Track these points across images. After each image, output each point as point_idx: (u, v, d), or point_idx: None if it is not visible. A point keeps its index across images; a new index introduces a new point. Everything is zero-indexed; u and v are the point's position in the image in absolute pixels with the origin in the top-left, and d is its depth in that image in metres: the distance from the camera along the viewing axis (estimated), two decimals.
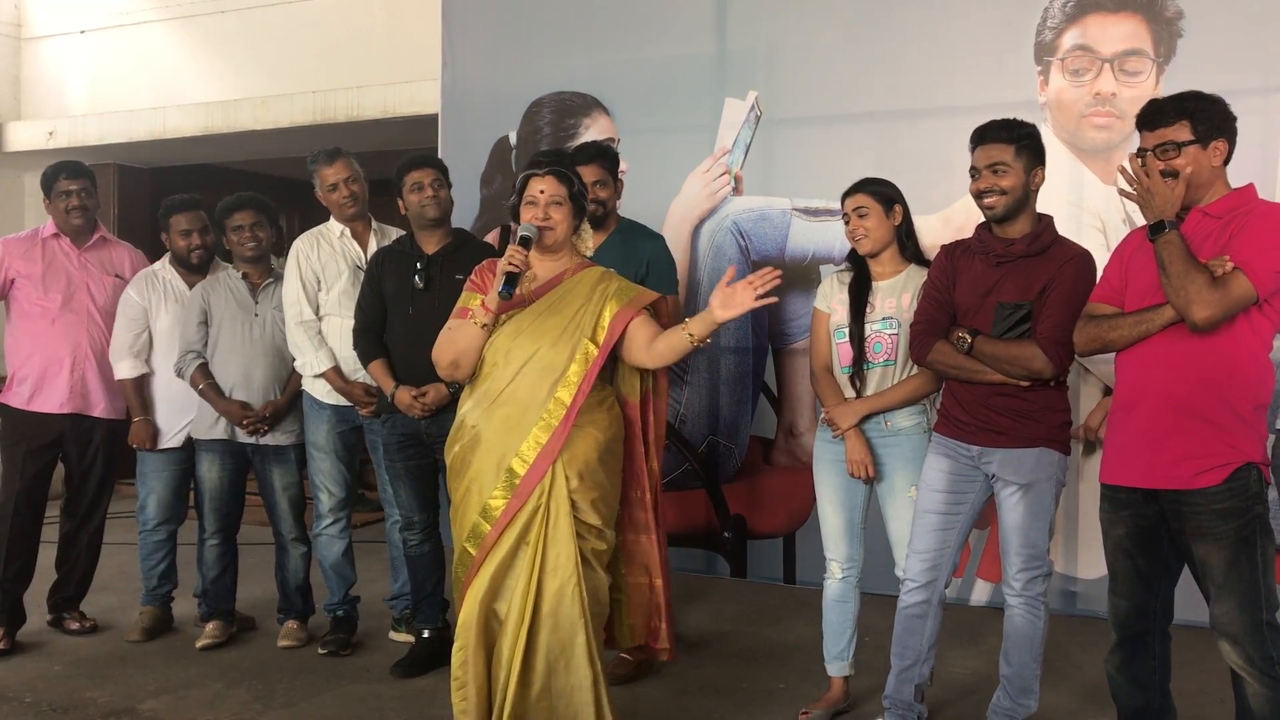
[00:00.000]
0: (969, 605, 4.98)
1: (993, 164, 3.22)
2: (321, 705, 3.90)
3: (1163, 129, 2.89)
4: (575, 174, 3.28)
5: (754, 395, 5.47)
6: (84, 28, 8.20)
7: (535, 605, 3.04)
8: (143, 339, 4.57)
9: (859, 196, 3.57)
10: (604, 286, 3.20)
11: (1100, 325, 2.98)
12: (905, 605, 3.45)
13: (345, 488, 4.53)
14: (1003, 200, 3.23)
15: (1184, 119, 2.87)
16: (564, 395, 3.07)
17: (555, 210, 3.18)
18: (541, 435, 3.06)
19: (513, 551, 3.08)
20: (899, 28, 5.17)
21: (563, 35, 5.92)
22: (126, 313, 4.57)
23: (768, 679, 4.14)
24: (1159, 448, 2.87)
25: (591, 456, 3.09)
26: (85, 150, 7.65)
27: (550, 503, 3.06)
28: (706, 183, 5.52)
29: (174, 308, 4.59)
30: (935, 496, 3.37)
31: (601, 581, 3.14)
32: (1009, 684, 3.38)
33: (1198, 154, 2.86)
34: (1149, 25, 4.75)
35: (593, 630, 3.06)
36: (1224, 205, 2.87)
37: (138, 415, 4.56)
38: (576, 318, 3.12)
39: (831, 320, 3.67)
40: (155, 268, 4.68)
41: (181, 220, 4.62)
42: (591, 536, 3.10)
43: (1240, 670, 2.87)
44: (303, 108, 7.09)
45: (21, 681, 4.13)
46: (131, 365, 4.55)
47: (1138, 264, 2.96)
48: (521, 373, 3.11)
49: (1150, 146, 2.91)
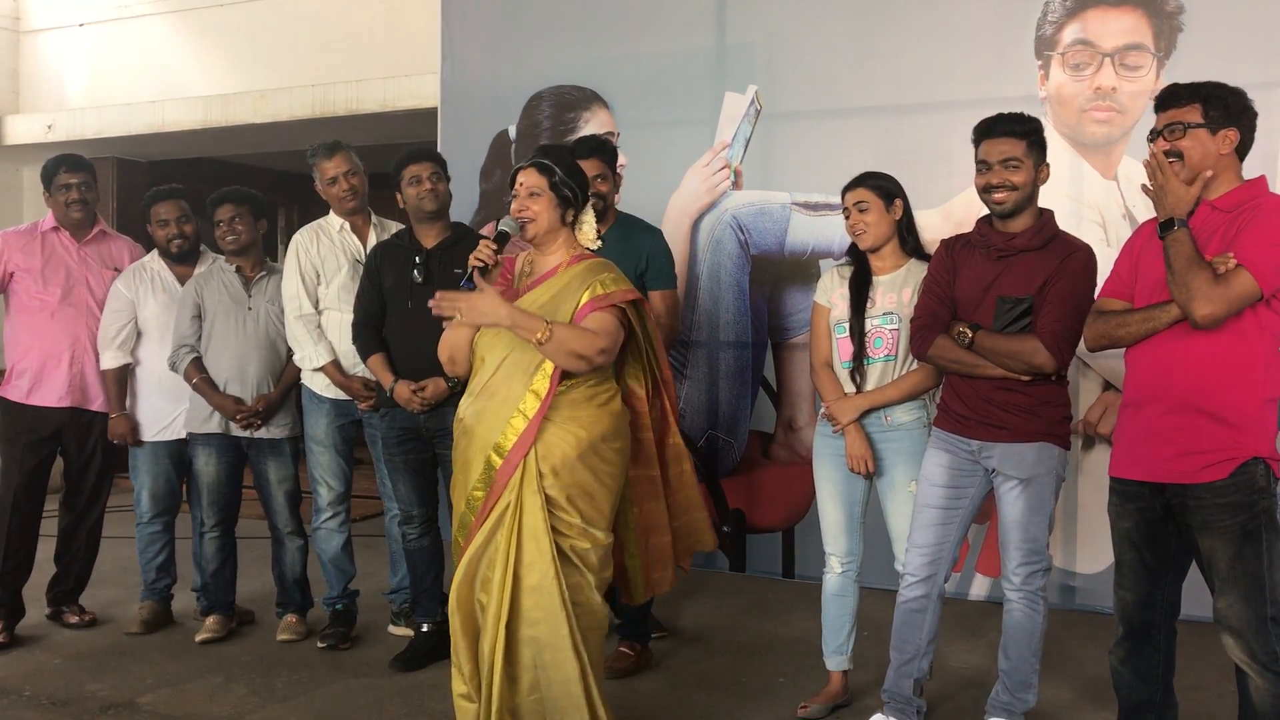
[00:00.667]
0: (968, 599, 4.99)
1: (1006, 159, 3.20)
2: (321, 699, 3.90)
3: (1174, 109, 2.90)
4: (566, 166, 3.23)
5: (753, 390, 5.47)
6: (83, 21, 8.18)
7: (514, 599, 3.04)
8: (127, 330, 4.57)
9: (859, 191, 3.57)
10: (588, 277, 3.16)
11: (1109, 322, 2.97)
12: (904, 600, 3.45)
13: (344, 481, 4.53)
14: (1013, 196, 3.22)
15: (1197, 102, 2.87)
16: (539, 386, 3.07)
17: (533, 202, 3.16)
18: (518, 425, 3.06)
19: (486, 541, 3.08)
20: (899, 22, 5.16)
21: (562, 29, 5.91)
22: (112, 304, 4.59)
23: (767, 673, 4.14)
24: (1167, 442, 2.87)
25: (569, 453, 3.06)
26: (84, 143, 7.63)
27: (522, 496, 3.05)
28: (706, 177, 5.52)
29: (162, 299, 4.59)
30: (935, 491, 3.37)
31: (586, 579, 3.10)
32: (1008, 678, 3.38)
33: (1205, 139, 2.86)
34: (1149, 19, 4.74)
35: (576, 624, 3.05)
36: (1232, 199, 2.87)
37: (115, 410, 4.56)
38: (558, 310, 3.12)
39: (832, 315, 3.66)
40: (144, 260, 4.70)
41: (160, 210, 4.62)
42: (572, 534, 3.07)
43: (1243, 665, 2.87)
44: (302, 101, 7.08)
45: (21, 675, 4.13)
46: (113, 356, 4.56)
47: (1147, 259, 2.96)
48: (503, 366, 3.12)
49: (1160, 126, 2.92)
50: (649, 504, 3.35)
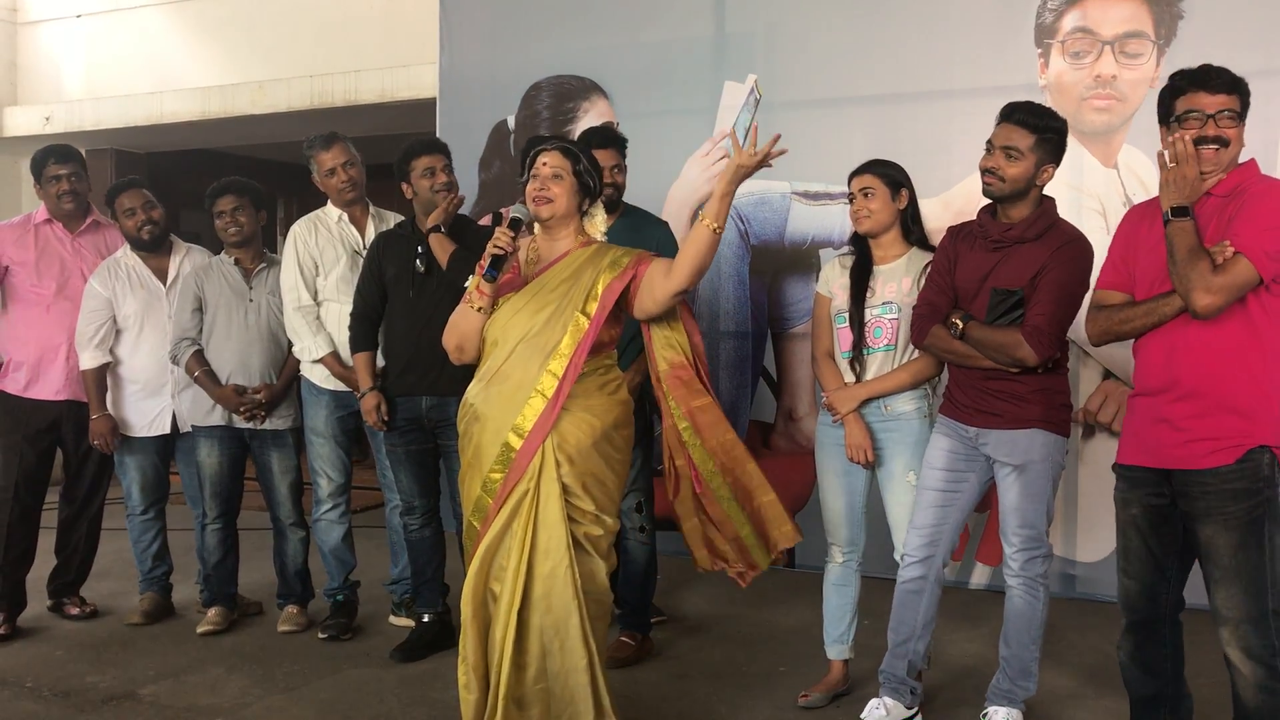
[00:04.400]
0: (968, 588, 4.99)
1: (1007, 146, 3.20)
2: (321, 689, 3.90)
3: (1222, 95, 2.83)
4: (586, 154, 3.22)
5: (753, 380, 5.47)
6: (80, 12, 8.17)
7: (526, 587, 3.04)
8: (105, 329, 4.52)
9: (866, 177, 3.57)
10: (599, 259, 3.15)
11: (1111, 317, 2.96)
12: (903, 580, 3.46)
13: (344, 473, 4.53)
14: (1001, 186, 3.22)
15: (1235, 93, 2.83)
16: (556, 367, 3.05)
17: (555, 184, 3.13)
18: (538, 405, 3.05)
19: (503, 530, 3.08)
20: (899, 10, 5.15)
21: (561, 18, 5.90)
22: (88, 303, 4.51)
23: (768, 662, 4.15)
24: (1175, 429, 2.86)
25: (584, 441, 3.07)
26: (82, 135, 7.64)
27: (540, 484, 3.05)
28: (706, 167, 5.51)
29: (140, 294, 4.54)
30: (936, 474, 3.39)
31: (598, 566, 3.11)
32: (1008, 666, 3.38)
33: (1240, 130, 2.85)
34: (1149, 7, 4.73)
35: (587, 613, 3.05)
36: (1226, 185, 2.86)
37: (96, 411, 4.51)
38: (570, 293, 3.10)
39: (833, 305, 3.66)
40: (117, 256, 4.62)
41: (124, 200, 4.56)
42: (586, 521, 3.08)
43: (1235, 659, 2.84)
44: (300, 92, 7.08)
45: (22, 666, 4.14)
46: (92, 356, 4.50)
47: (1145, 248, 2.95)
48: (516, 350, 3.11)
49: (1211, 111, 2.82)
50: (737, 470, 3.27)
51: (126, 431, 4.58)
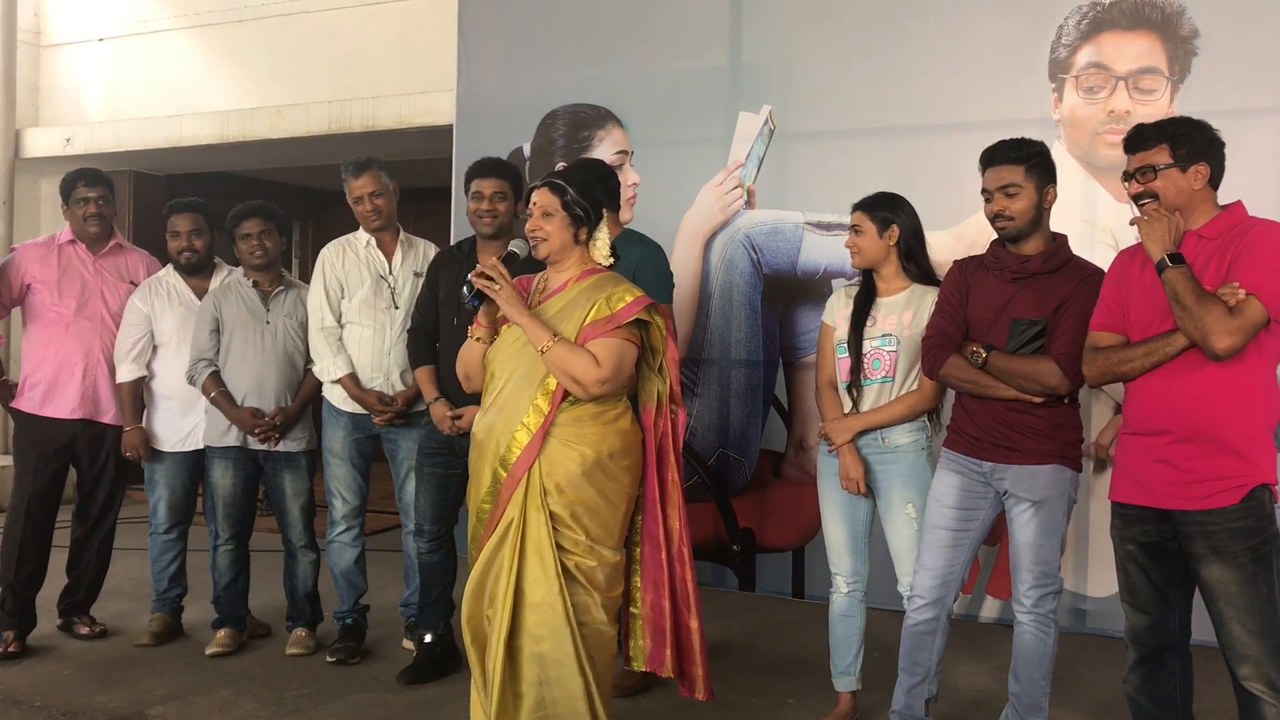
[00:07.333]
0: (978, 621, 4.97)
1: (1004, 186, 3.24)
2: (329, 713, 3.90)
3: (1143, 153, 2.96)
4: (579, 184, 3.25)
5: (764, 408, 5.48)
6: (102, 35, 8.26)
7: (517, 615, 3.05)
8: (142, 344, 4.59)
9: (856, 214, 3.64)
10: (595, 293, 3.17)
11: (1110, 358, 2.99)
12: (914, 622, 3.44)
13: (359, 495, 4.53)
14: (1014, 224, 3.25)
15: (1164, 143, 2.94)
16: (542, 403, 3.09)
17: (546, 222, 3.20)
18: (521, 439, 3.08)
19: (492, 557, 3.10)
20: (913, 43, 5.18)
21: (577, 47, 5.95)
22: (129, 319, 4.62)
23: (776, 693, 4.13)
24: (1175, 470, 2.87)
25: (573, 470, 3.06)
26: (102, 157, 7.70)
27: (526, 513, 3.06)
28: (719, 195, 5.53)
29: (179, 311, 4.61)
30: (946, 513, 3.37)
31: (592, 599, 3.09)
32: (1018, 701, 3.37)
33: (1176, 177, 2.91)
34: (1164, 43, 4.75)
35: (584, 644, 3.05)
36: (1217, 226, 2.90)
37: (130, 424, 4.58)
38: (564, 323, 3.13)
39: (835, 335, 3.68)
40: (160, 274, 4.72)
41: (176, 222, 4.65)
42: (578, 551, 3.07)
43: (1260, 694, 2.83)
44: (318, 117, 7.12)
45: (31, 685, 4.14)
46: (128, 369, 4.58)
47: (1138, 292, 2.98)
48: (511, 380, 3.15)
49: (1131, 170, 2.99)
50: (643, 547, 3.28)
51: (156, 445, 4.62)
